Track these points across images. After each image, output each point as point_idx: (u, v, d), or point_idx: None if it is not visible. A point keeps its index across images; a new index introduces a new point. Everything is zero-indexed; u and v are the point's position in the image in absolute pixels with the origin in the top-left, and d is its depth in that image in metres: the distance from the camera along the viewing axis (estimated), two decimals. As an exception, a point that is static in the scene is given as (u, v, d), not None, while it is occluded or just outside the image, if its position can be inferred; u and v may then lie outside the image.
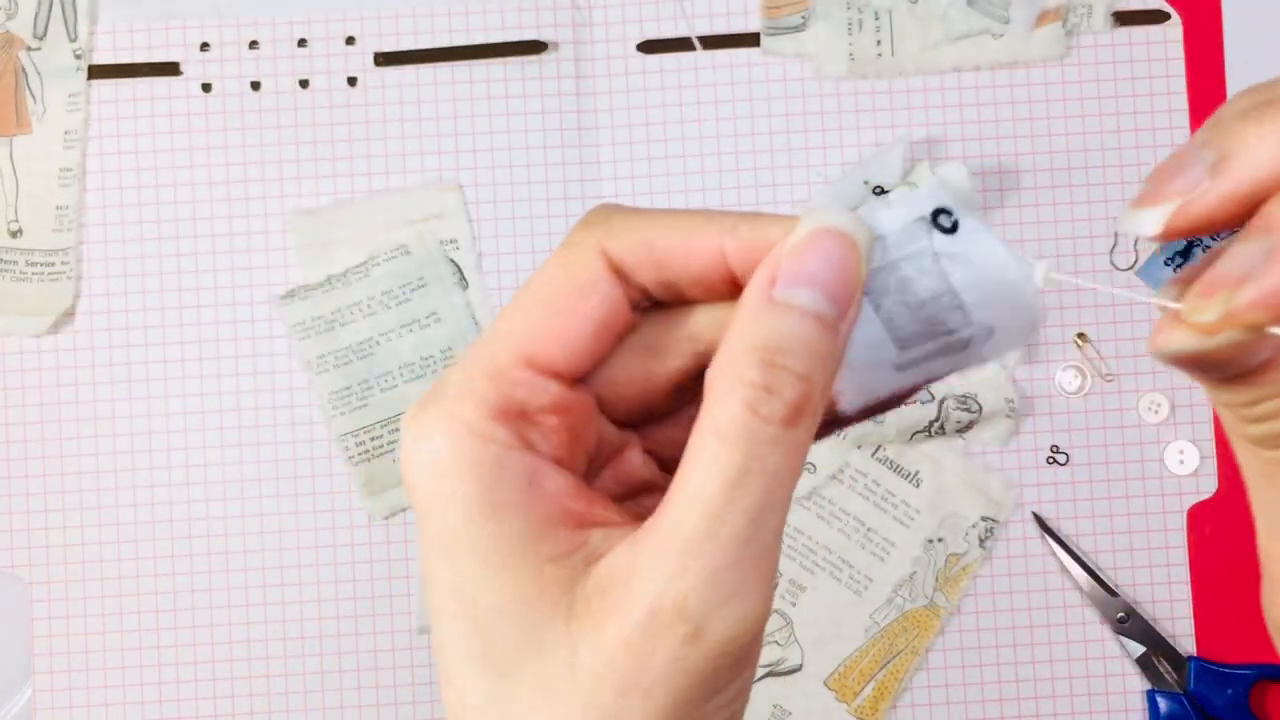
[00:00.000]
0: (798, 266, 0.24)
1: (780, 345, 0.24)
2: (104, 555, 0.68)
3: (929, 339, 0.26)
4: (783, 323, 0.24)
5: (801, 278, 0.24)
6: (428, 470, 0.25)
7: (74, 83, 0.70)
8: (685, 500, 0.24)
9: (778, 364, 0.24)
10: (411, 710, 0.68)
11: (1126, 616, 0.67)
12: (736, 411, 0.24)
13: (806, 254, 0.24)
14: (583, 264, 0.26)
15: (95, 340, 0.69)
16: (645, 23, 0.70)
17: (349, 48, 0.70)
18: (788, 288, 0.24)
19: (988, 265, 0.26)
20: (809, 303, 0.24)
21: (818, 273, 0.24)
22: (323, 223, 0.69)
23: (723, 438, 0.24)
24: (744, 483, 0.23)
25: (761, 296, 0.24)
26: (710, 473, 0.24)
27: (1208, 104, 0.69)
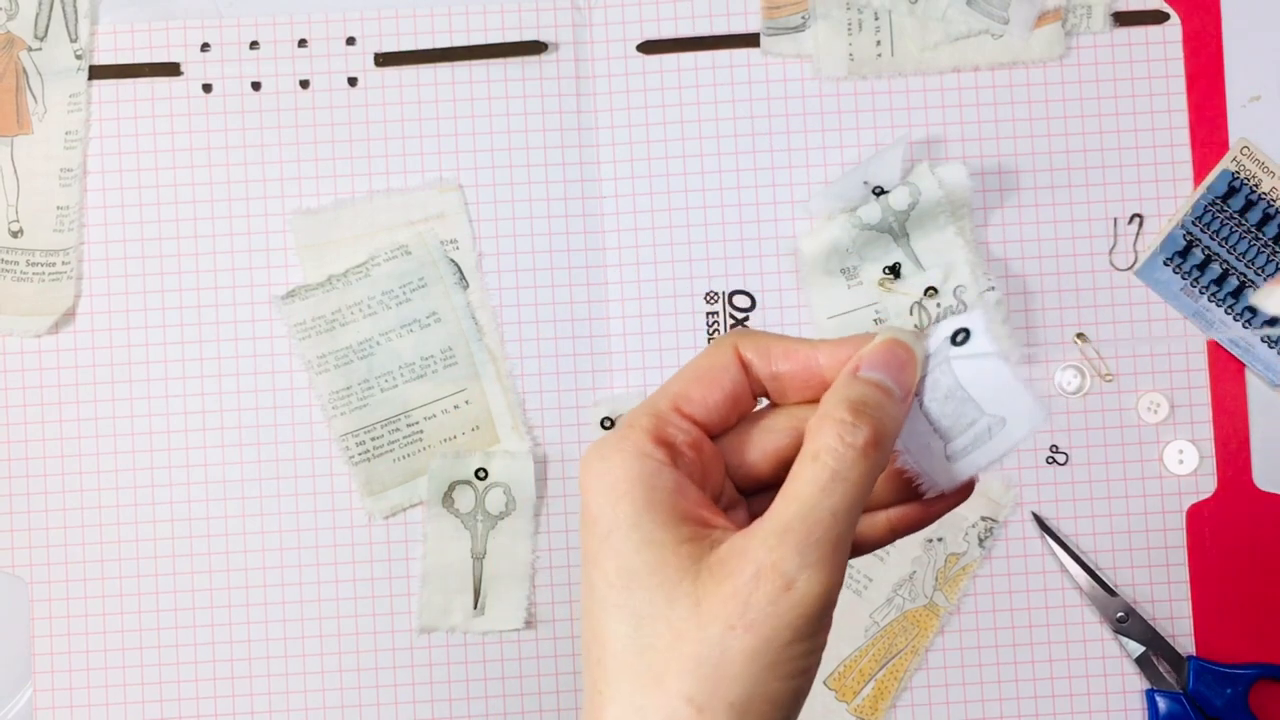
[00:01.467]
0: (875, 357, 0.36)
1: (862, 400, 0.35)
2: (104, 555, 0.68)
3: (961, 432, 0.36)
4: (864, 389, 0.35)
5: (877, 365, 0.36)
6: (607, 481, 0.36)
7: (75, 83, 0.70)
8: (787, 500, 0.34)
9: (861, 410, 0.35)
10: (411, 710, 0.68)
11: (1126, 616, 0.67)
12: (830, 439, 0.34)
13: (880, 352, 0.36)
14: (721, 353, 0.38)
15: (95, 340, 0.69)
16: (645, 23, 0.70)
17: (349, 48, 0.70)
18: (868, 370, 0.36)
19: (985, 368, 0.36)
20: (881, 380, 0.36)
21: (888, 364, 0.36)
22: (323, 223, 0.69)
23: (818, 456, 0.34)
24: (831, 488, 0.34)
25: (848, 373, 0.36)
26: (807, 481, 0.34)
27: (1207, 104, 0.70)
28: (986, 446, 0.36)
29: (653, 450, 0.36)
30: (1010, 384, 0.35)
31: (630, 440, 0.36)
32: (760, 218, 0.69)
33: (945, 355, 0.36)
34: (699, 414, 0.37)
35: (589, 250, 0.69)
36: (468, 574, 0.68)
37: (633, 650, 0.34)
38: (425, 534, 0.68)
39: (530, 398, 0.69)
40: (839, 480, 0.34)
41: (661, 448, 0.36)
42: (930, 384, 0.36)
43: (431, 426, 0.68)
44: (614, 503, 0.35)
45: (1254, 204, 0.69)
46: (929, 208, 0.67)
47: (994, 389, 0.36)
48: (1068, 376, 0.69)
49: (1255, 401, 0.69)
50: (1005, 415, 0.36)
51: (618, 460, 0.36)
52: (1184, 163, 0.69)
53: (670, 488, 0.35)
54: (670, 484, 0.35)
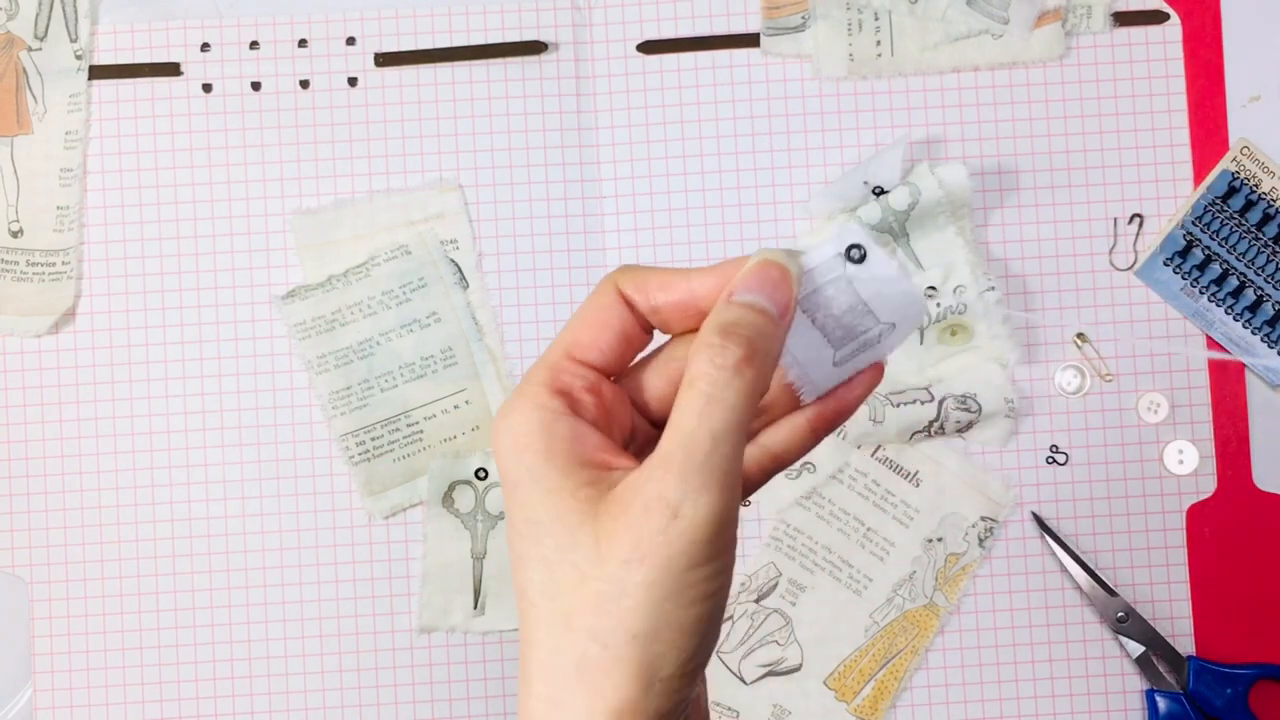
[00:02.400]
0: (748, 280, 0.36)
1: (734, 322, 0.35)
2: (104, 555, 0.68)
3: (852, 339, 0.38)
4: (734, 311, 0.35)
5: (751, 287, 0.36)
6: (509, 438, 0.36)
7: (75, 83, 0.70)
8: (669, 431, 0.34)
9: (730, 332, 0.35)
10: (411, 710, 0.68)
11: (1126, 616, 0.67)
12: (703, 364, 0.34)
13: (753, 274, 0.36)
14: (604, 294, 0.38)
15: (95, 340, 0.69)
16: (645, 23, 0.70)
17: (349, 48, 0.70)
18: (741, 294, 0.36)
19: (885, 280, 0.37)
20: (753, 301, 0.35)
21: (761, 284, 0.36)
22: (323, 223, 0.69)
23: (694, 383, 0.34)
24: (707, 411, 0.34)
25: (723, 300, 0.36)
26: (684, 408, 0.34)
27: (1207, 104, 0.70)
28: (875, 348, 0.38)
29: (549, 401, 0.36)
30: (906, 293, 0.37)
31: (527, 395, 0.37)
32: (760, 218, 0.69)
33: (843, 273, 0.37)
34: (593, 357, 0.38)
35: (589, 250, 0.69)
36: (468, 574, 0.68)
37: (545, 596, 0.35)
38: (425, 534, 0.68)
39: (530, 398, 0.69)
40: (714, 403, 0.34)
41: (558, 397, 0.37)
42: (826, 300, 0.37)
43: (431, 426, 0.68)
44: (517, 456, 0.36)
45: (1254, 204, 0.69)
46: (929, 208, 0.67)
47: (889, 300, 0.37)
48: (1068, 376, 0.69)
49: (1255, 401, 0.69)
50: (896, 320, 0.38)
51: (518, 416, 0.36)
52: (1184, 163, 0.69)
53: (568, 435, 0.36)
54: (568, 432, 0.36)
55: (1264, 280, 0.68)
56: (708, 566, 0.34)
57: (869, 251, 0.37)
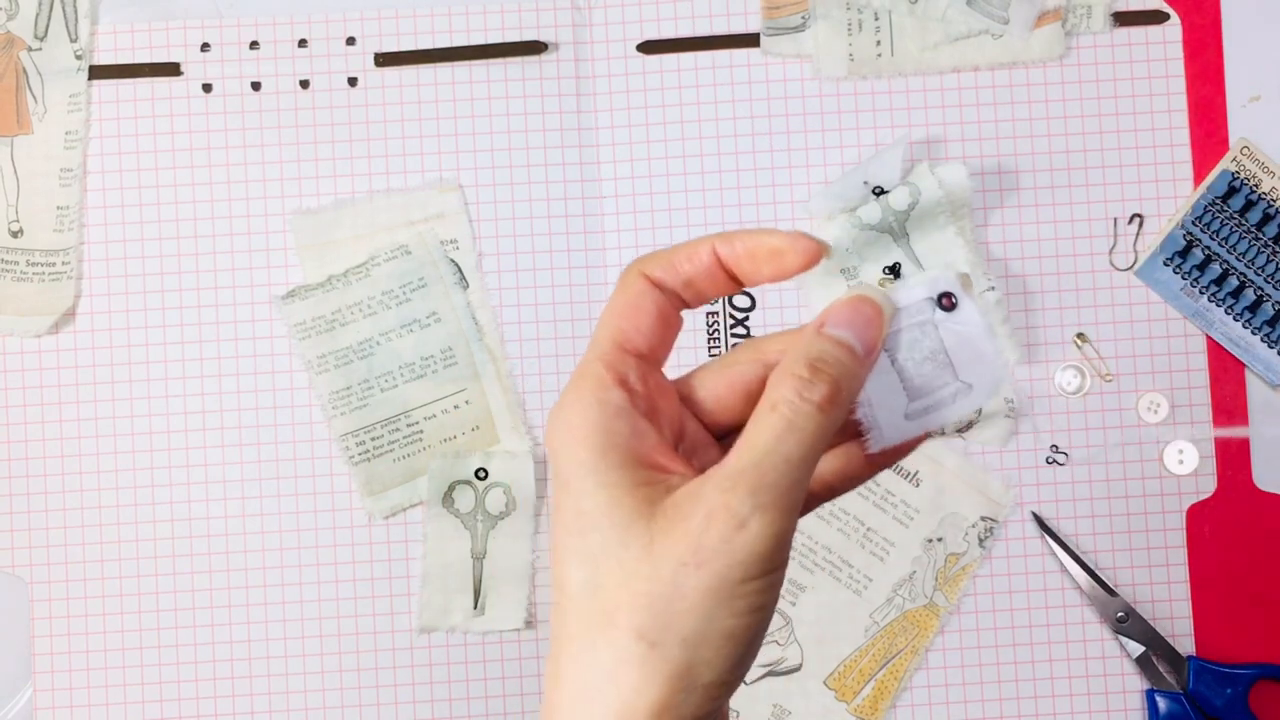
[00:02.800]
0: (840, 314, 0.36)
1: (821, 357, 0.36)
2: (104, 555, 0.68)
3: (927, 394, 0.38)
4: (824, 345, 0.36)
5: (841, 322, 0.36)
6: (565, 432, 0.36)
7: (75, 83, 0.70)
8: (742, 447, 0.35)
9: (819, 368, 0.35)
10: (411, 710, 0.68)
11: (1126, 616, 0.67)
12: (788, 392, 0.35)
13: (847, 308, 0.36)
14: (632, 282, 0.38)
15: (95, 340, 0.69)
16: (645, 23, 0.70)
17: (349, 48, 0.70)
18: (832, 327, 0.36)
19: (972, 335, 0.37)
20: (845, 338, 0.36)
21: (852, 320, 0.36)
22: (323, 223, 0.69)
23: (775, 408, 0.35)
24: (785, 437, 0.34)
25: (814, 330, 0.36)
26: (762, 429, 0.35)
27: (1207, 104, 0.70)
28: (947, 409, 0.38)
29: (610, 394, 0.37)
30: (989, 356, 0.37)
31: (586, 387, 0.37)
32: (760, 218, 0.69)
33: (930, 318, 0.37)
34: (639, 344, 0.38)
35: (589, 250, 0.69)
36: (468, 574, 0.68)
37: (587, 591, 0.35)
38: (425, 534, 0.68)
39: (530, 398, 0.69)
40: (794, 431, 0.34)
41: (619, 388, 0.37)
42: (909, 342, 0.37)
43: (431, 426, 0.68)
44: (572, 449, 0.36)
45: (1254, 204, 0.69)
46: (929, 208, 0.67)
47: (971, 357, 0.37)
48: (1068, 376, 0.69)
49: (1255, 401, 0.69)
50: (973, 383, 0.38)
51: (577, 409, 0.36)
52: (1184, 163, 0.69)
53: (627, 432, 0.36)
54: (627, 428, 0.36)
55: (1264, 280, 0.68)
56: (763, 580, 0.34)
57: (961, 301, 0.37)
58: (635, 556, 0.34)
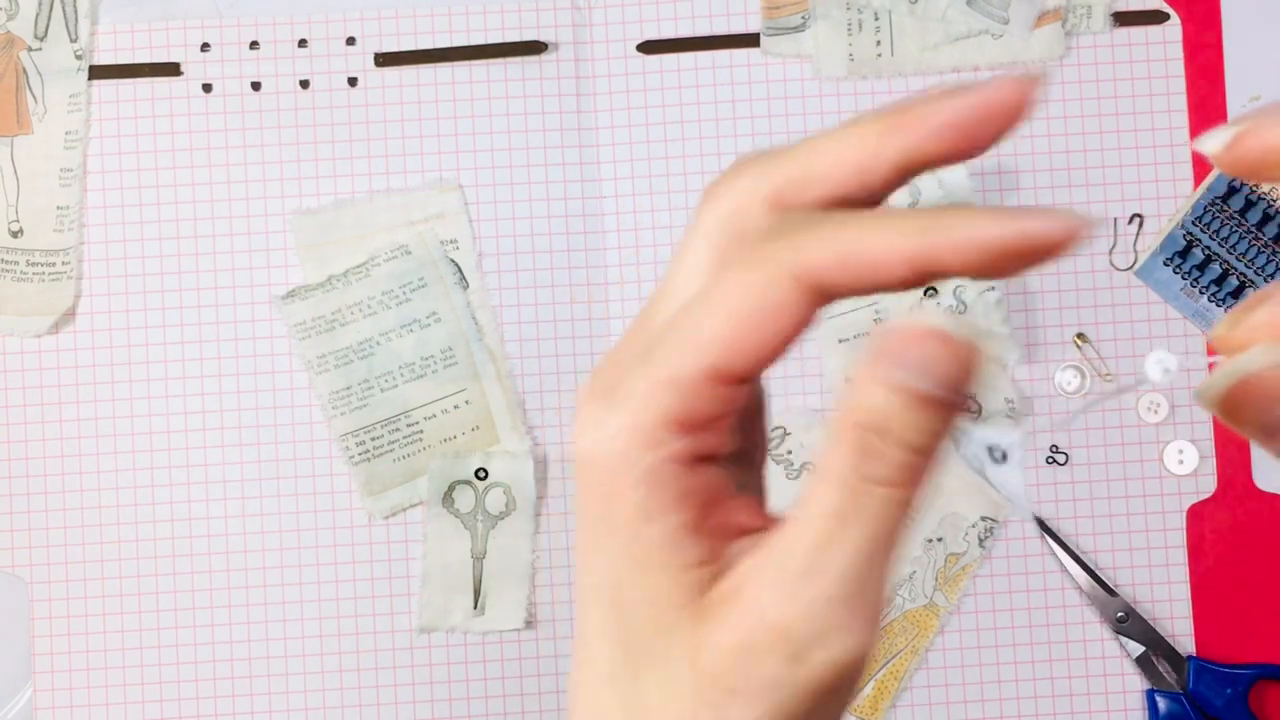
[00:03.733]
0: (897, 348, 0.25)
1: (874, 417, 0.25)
2: (104, 555, 0.68)
3: None
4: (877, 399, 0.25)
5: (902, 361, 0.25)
6: (602, 467, 0.27)
7: (75, 83, 0.70)
8: (801, 528, 0.26)
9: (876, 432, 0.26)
10: (411, 710, 0.68)
11: (1126, 616, 0.67)
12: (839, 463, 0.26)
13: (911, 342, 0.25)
14: (775, 285, 0.26)
15: (95, 340, 0.69)
16: (645, 23, 0.70)
17: (349, 48, 0.70)
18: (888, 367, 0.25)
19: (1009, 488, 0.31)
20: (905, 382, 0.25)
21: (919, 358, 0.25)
22: (323, 223, 0.69)
23: (825, 477, 0.26)
24: (847, 526, 0.25)
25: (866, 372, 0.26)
26: (819, 509, 0.26)
27: (1207, 104, 0.70)
28: None
29: (666, 441, 0.27)
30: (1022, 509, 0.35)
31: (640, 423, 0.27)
32: (760, 218, 0.69)
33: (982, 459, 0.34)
34: (744, 372, 0.26)
35: (589, 250, 0.69)
36: (468, 574, 0.68)
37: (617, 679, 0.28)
38: (425, 534, 0.68)
39: (530, 398, 0.69)
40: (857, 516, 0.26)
41: (680, 434, 0.27)
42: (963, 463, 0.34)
43: (431, 426, 0.68)
44: (607, 500, 0.27)
45: (1254, 204, 0.69)
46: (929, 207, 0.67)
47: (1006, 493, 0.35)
48: (1068, 376, 0.69)
49: (1255, 401, 0.69)
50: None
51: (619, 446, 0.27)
52: (1184, 163, 0.69)
53: (679, 493, 0.27)
54: (680, 488, 0.27)
55: (1264, 280, 0.68)
56: (831, 712, 0.27)
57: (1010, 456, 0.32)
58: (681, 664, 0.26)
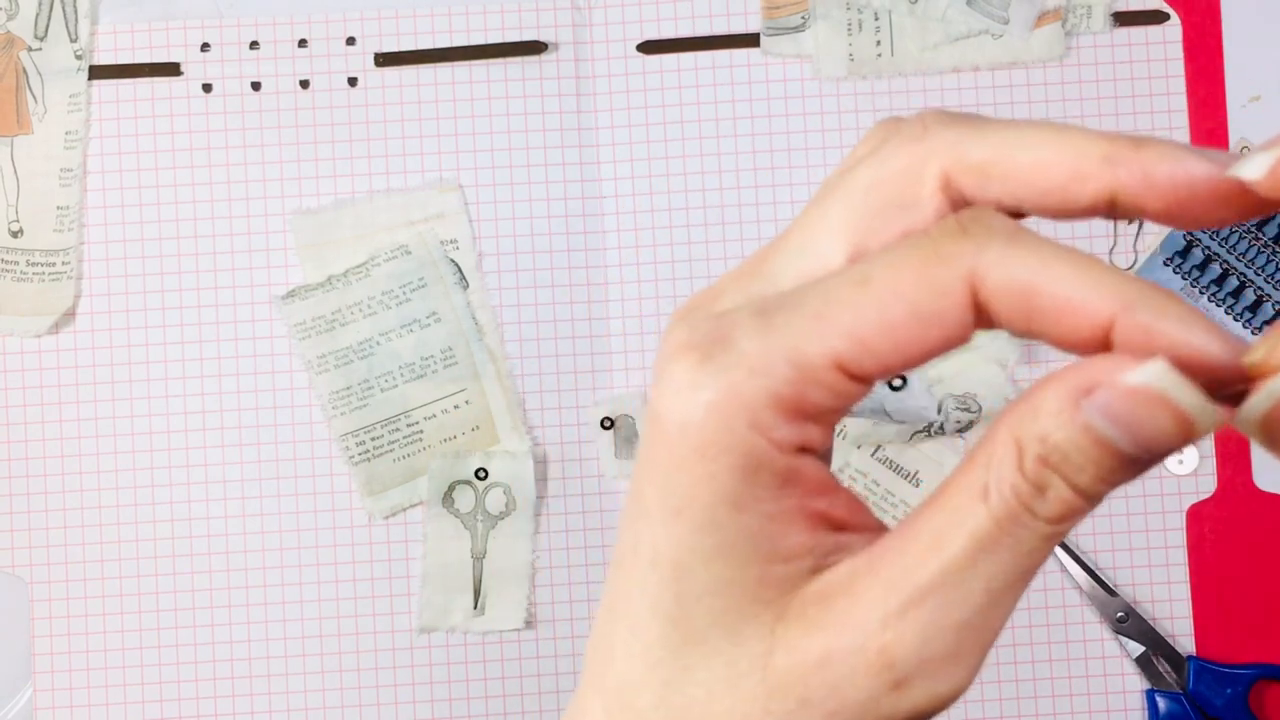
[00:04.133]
0: (1123, 405, 0.22)
1: (1067, 455, 0.22)
2: (104, 555, 0.68)
3: None
4: (1076, 440, 0.22)
5: (1120, 416, 0.22)
6: (689, 435, 0.23)
7: (75, 83, 0.70)
8: (928, 545, 0.23)
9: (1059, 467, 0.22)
10: (411, 710, 0.68)
11: (1126, 616, 0.67)
12: (1005, 487, 0.22)
13: (1142, 404, 0.22)
14: (946, 290, 0.22)
15: (95, 340, 0.69)
16: (645, 23, 0.70)
17: (349, 48, 0.70)
18: (1102, 416, 0.22)
19: None
20: (1113, 439, 0.22)
21: (1138, 420, 0.22)
22: (323, 223, 0.69)
23: (985, 497, 0.23)
24: (991, 553, 0.23)
25: (1069, 400, 0.22)
26: (962, 528, 0.23)
27: (1207, 104, 0.70)
28: None
29: (773, 425, 0.23)
30: None
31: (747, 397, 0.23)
32: (760, 218, 0.69)
33: None
34: (874, 371, 0.23)
35: (589, 250, 0.69)
36: (468, 574, 0.68)
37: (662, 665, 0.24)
38: (425, 534, 0.68)
39: (530, 398, 0.69)
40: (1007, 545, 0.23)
41: (788, 422, 0.23)
42: None
43: (431, 426, 0.68)
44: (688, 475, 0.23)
45: (1254, 204, 0.69)
46: (929, 208, 0.67)
47: None
48: (1068, 376, 0.69)
49: (1255, 401, 0.69)
50: None
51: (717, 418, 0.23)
52: (1184, 163, 0.69)
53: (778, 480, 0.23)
54: (779, 474, 0.23)
55: (1264, 280, 0.68)
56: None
57: None
58: (748, 665, 0.23)
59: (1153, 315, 0.22)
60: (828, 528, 0.24)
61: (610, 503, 0.69)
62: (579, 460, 0.69)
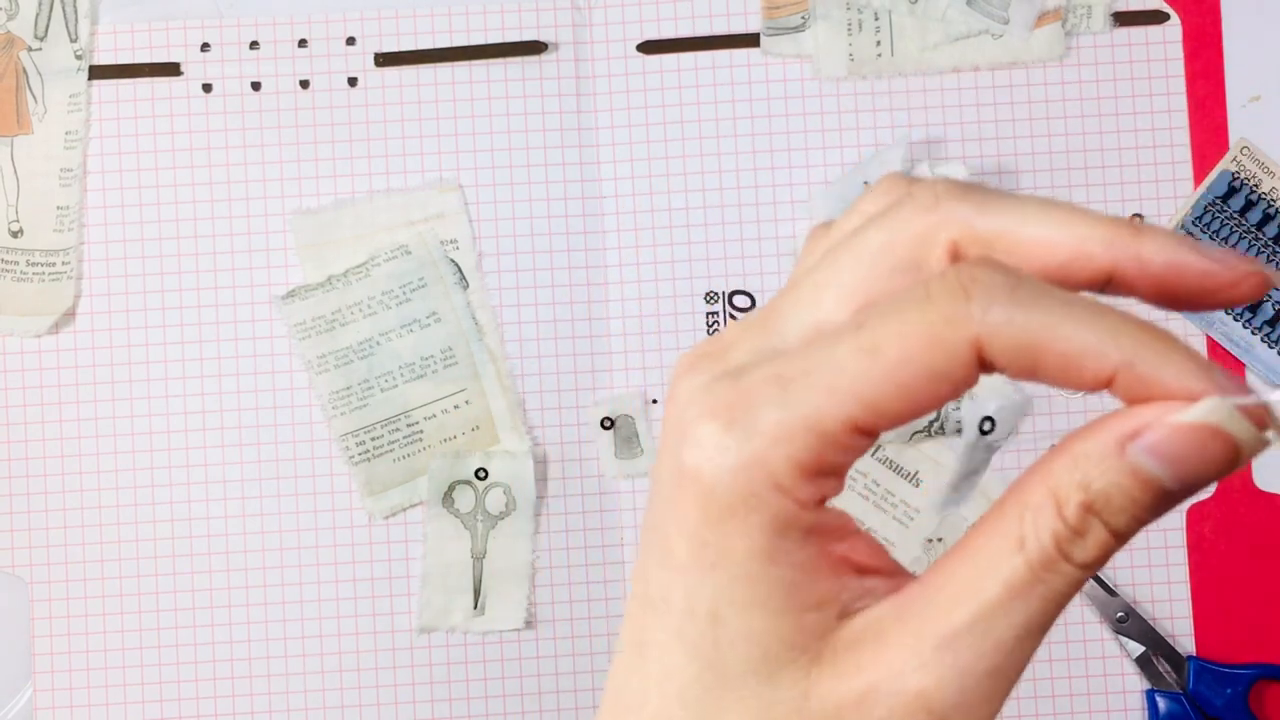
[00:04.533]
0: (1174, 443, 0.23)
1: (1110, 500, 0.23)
2: (104, 555, 0.68)
3: None
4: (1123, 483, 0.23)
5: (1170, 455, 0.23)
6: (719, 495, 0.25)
7: (75, 83, 0.70)
8: (960, 590, 0.24)
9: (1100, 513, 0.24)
10: (411, 710, 0.68)
11: (1126, 616, 0.67)
12: (1043, 534, 0.24)
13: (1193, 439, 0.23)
14: (953, 352, 0.24)
15: (95, 340, 0.69)
16: (645, 23, 0.70)
17: (349, 48, 0.70)
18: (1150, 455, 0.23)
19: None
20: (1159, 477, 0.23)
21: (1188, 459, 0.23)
22: (323, 223, 0.69)
23: (1022, 546, 0.24)
24: (1025, 599, 0.24)
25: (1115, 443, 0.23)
26: (997, 576, 0.24)
27: (1207, 104, 0.70)
28: None
29: (796, 486, 0.24)
30: None
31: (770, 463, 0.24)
32: (760, 218, 0.69)
33: None
34: (885, 427, 0.25)
35: (589, 250, 0.69)
36: (468, 574, 0.68)
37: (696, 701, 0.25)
38: (425, 534, 0.68)
39: (530, 398, 0.69)
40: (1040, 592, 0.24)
41: (809, 480, 0.25)
42: None
43: (431, 426, 0.68)
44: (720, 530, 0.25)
45: (1254, 204, 0.69)
46: (929, 208, 0.67)
47: None
48: (1068, 376, 0.69)
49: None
50: None
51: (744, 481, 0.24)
52: (1184, 163, 0.69)
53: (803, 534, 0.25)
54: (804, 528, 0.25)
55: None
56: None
57: None
58: (785, 707, 0.25)
59: (1153, 367, 0.24)
60: (852, 572, 0.26)
61: (610, 503, 0.69)
62: (579, 460, 0.69)
